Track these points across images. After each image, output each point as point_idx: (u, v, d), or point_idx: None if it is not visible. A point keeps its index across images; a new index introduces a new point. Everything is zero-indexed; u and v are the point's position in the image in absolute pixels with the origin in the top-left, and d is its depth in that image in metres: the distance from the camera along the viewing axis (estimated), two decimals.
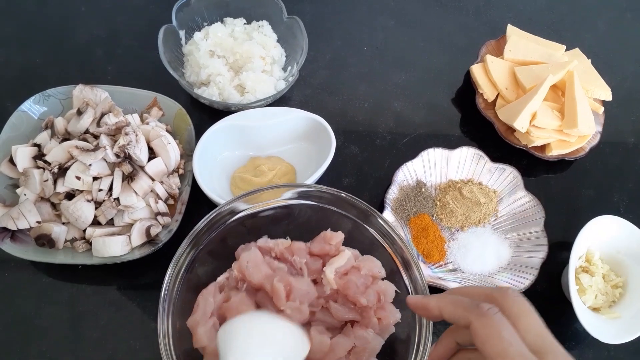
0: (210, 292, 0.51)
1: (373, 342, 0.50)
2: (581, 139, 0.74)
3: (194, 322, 0.49)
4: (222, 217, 0.53)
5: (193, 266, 0.52)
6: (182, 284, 0.50)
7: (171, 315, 0.48)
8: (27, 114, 0.67)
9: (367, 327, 0.50)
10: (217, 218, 0.52)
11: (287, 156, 0.72)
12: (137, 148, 0.60)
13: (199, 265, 0.52)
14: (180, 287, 0.50)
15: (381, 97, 0.82)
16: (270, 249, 0.54)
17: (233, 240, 0.55)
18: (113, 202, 0.60)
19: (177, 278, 0.50)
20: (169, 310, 0.48)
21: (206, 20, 0.80)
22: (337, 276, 0.51)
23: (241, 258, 0.52)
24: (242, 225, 0.55)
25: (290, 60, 0.79)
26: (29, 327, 0.60)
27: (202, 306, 0.50)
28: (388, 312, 0.51)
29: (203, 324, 0.48)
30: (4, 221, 0.58)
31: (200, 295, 0.51)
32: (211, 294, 0.51)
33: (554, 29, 0.92)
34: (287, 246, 0.54)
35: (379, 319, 0.50)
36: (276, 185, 0.54)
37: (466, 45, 0.87)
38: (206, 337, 0.47)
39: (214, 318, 0.50)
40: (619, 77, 0.87)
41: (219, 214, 0.52)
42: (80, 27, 0.84)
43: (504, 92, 0.77)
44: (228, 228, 0.54)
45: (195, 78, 0.74)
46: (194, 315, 0.49)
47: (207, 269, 0.54)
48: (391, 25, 0.90)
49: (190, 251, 0.51)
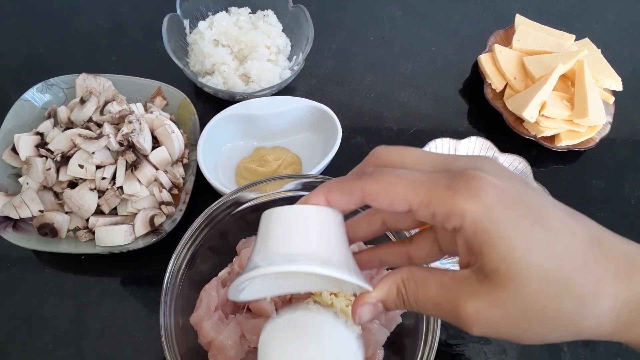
0: (213, 286, 0.50)
1: (377, 333, 0.49)
2: (591, 129, 0.73)
3: (198, 317, 0.48)
4: (224, 210, 0.52)
5: (194, 261, 0.51)
6: (184, 280, 0.49)
7: (173, 312, 0.47)
8: (30, 102, 0.66)
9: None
10: (218, 211, 0.51)
11: (292, 146, 0.71)
12: (141, 136, 0.60)
13: (200, 260, 0.51)
14: (182, 283, 0.49)
15: (388, 88, 0.81)
16: None
17: (234, 235, 0.55)
18: (116, 190, 0.59)
19: (179, 274, 0.48)
20: (170, 307, 0.47)
21: (210, 10, 0.79)
22: None
23: (242, 253, 0.51)
24: (242, 219, 0.54)
25: (295, 50, 0.78)
26: (32, 318, 0.59)
27: (205, 301, 0.49)
28: None
29: (208, 318, 0.48)
30: (6, 210, 0.58)
31: (203, 291, 0.50)
32: (214, 288, 0.50)
33: (563, 20, 0.91)
34: None
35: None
36: (280, 176, 0.53)
37: (474, 36, 0.86)
38: (213, 330, 0.47)
39: (219, 312, 0.49)
40: (630, 68, 0.85)
41: (221, 205, 0.51)
42: (84, 17, 0.84)
43: (512, 82, 0.75)
44: (229, 222, 0.53)
45: (199, 67, 0.74)
46: (197, 311, 0.49)
47: (209, 265, 0.53)
48: (398, 15, 0.89)
49: (191, 246, 0.50)
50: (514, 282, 0.25)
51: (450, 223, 0.26)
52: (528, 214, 0.25)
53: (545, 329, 0.25)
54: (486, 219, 0.25)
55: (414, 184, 0.27)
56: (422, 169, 0.28)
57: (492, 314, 0.25)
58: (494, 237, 0.25)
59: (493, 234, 0.25)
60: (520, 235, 0.24)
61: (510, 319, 0.25)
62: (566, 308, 0.24)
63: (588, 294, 0.24)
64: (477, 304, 0.26)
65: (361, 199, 0.28)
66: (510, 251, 0.24)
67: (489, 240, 0.25)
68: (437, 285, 0.27)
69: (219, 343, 0.46)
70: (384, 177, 0.28)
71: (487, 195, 0.25)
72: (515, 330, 0.26)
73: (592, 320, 0.25)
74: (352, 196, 0.29)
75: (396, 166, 0.29)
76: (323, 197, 0.30)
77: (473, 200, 0.25)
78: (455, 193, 0.25)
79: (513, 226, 0.25)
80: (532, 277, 0.24)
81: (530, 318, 0.25)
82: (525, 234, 0.25)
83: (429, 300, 0.28)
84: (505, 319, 0.25)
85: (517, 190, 0.26)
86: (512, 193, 0.26)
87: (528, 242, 0.24)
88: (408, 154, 0.30)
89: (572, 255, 0.25)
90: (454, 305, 0.26)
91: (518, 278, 0.24)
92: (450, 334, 0.61)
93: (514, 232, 0.24)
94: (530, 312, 0.25)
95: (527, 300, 0.25)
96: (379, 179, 0.28)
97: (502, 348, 0.60)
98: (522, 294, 0.25)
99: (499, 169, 0.27)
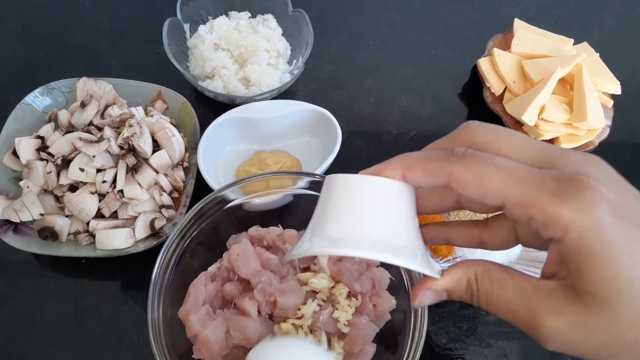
0: (201, 281, 0.50)
1: (365, 329, 0.49)
2: (590, 132, 0.73)
3: (185, 311, 0.48)
4: (214, 205, 0.52)
5: (184, 256, 0.51)
6: (174, 274, 0.49)
7: (162, 306, 0.47)
8: (31, 106, 0.67)
9: (361, 313, 0.49)
10: (208, 206, 0.52)
11: (292, 150, 0.71)
12: (141, 140, 0.60)
13: (190, 255, 0.52)
14: (172, 277, 0.49)
15: (387, 92, 0.81)
16: (262, 237, 0.54)
17: (225, 231, 0.55)
18: (117, 194, 0.59)
19: (168, 267, 0.49)
20: (159, 300, 0.47)
21: (211, 14, 0.79)
22: (330, 262, 0.50)
23: (231, 250, 0.51)
24: (233, 215, 0.54)
25: (295, 54, 0.78)
26: (32, 321, 0.59)
27: (193, 295, 0.49)
28: (383, 299, 0.50)
29: (195, 312, 0.48)
30: (7, 213, 0.58)
31: (192, 285, 0.50)
32: (202, 282, 0.50)
33: (561, 24, 0.91)
34: (278, 234, 0.53)
35: (374, 305, 0.50)
36: (265, 173, 0.53)
37: (472, 40, 0.86)
38: (199, 324, 0.47)
39: (207, 306, 0.49)
40: (628, 72, 0.85)
41: (211, 201, 0.52)
42: (85, 21, 0.84)
43: (511, 85, 0.76)
44: (219, 218, 0.53)
45: (199, 71, 0.74)
46: (185, 305, 0.49)
47: (199, 260, 0.54)
48: (397, 19, 0.89)
49: (181, 240, 0.50)
50: (611, 309, 0.23)
51: (549, 232, 0.24)
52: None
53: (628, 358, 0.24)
54: (595, 238, 0.22)
55: (514, 179, 0.24)
56: (521, 160, 0.25)
57: (576, 336, 0.24)
58: (600, 258, 0.22)
59: (600, 255, 0.22)
60: (630, 262, 0.22)
61: (594, 345, 0.24)
62: None
63: None
64: (561, 322, 0.24)
65: (447, 183, 0.26)
66: (615, 277, 0.22)
67: (593, 261, 0.23)
68: (515, 290, 0.25)
69: (204, 337, 0.46)
70: (477, 165, 0.25)
71: (599, 211, 0.22)
72: (596, 355, 0.24)
73: None
74: (436, 178, 0.26)
75: (491, 150, 0.26)
76: (400, 171, 0.27)
77: (584, 214, 0.22)
78: (562, 202, 0.23)
79: (626, 251, 0.22)
80: (632, 308, 0.22)
81: (617, 348, 0.23)
82: (635, 261, 0.22)
83: (503, 304, 0.26)
84: (589, 344, 0.24)
85: (632, 208, 0.24)
86: (627, 211, 0.23)
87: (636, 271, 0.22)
88: (508, 138, 0.27)
89: None
90: (533, 317, 0.25)
91: (616, 306, 0.23)
92: (451, 337, 0.61)
93: (624, 257, 0.22)
94: (620, 341, 0.23)
95: (620, 330, 0.23)
96: (471, 166, 0.25)
97: (502, 352, 0.60)
98: (616, 323, 0.23)
99: (613, 178, 0.25)
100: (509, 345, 0.61)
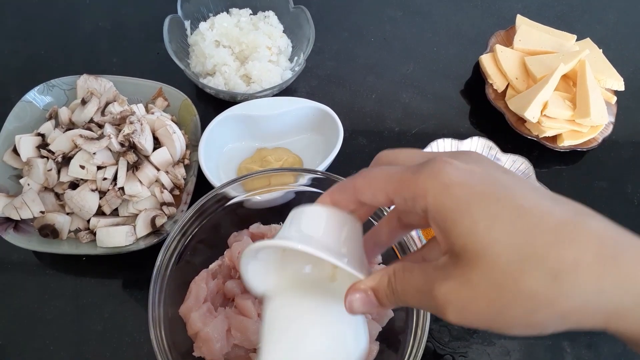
0: (202, 278, 0.50)
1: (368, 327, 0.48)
2: (594, 129, 0.73)
3: (186, 308, 0.48)
4: (215, 203, 0.52)
5: (185, 253, 0.51)
6: (175, 272, 0.49)
7: (163, 304, 0.47)
8: (32, 104, 0.66)
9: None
10: (208, 204, 0.51)
11: (293, 147, 0.71)
12: (142, 137, 0.59)
13: (191, 252, 0.52)
14: (173, 275, 0.49)
15: (389, 89, 0.81)
16: (263, 235, 0.53)
17: (226, 228, 0.55)
18: (117, 191, 0.59)
19: (169, 265, 0.49)
20: (160, 297, 0.47)
21: (211, 11, 0.79)
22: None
23: (233, 247, 0.51)
24: (234, 213, 0.54)
25: (296, 51, 0.78)
26: (32, 319, 0.59)
27: (194, 292, 0.49)
28: None
29: (196, 309, 0.47)
30: (7, 211, 0.57)
31: (193, 283, 0.50)
32: (203, 280, 0.50)
33: (564, 20, 0.91)
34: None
35: None
36: (267, 170, 0.53)
37: (475, 36, 0.86)
38: (200, 321, 0.47)
39: (208, 303, 0.49)
40: (632, 68, 0.85)
41: (212, 199, 0.51)
42: (85, 18, 0.84)
43: (514, 82, 0.75)
44: (220, 215, 0.53)
45: (200, 68, 0.74)
46: (186, 302, 0.49)
47: (201, 258, 0.54)
48: (399, 16, 0.89)
49: (182, 237, 0.50)
50: (481, 257, 0.23)
51: (418, 205, 0.26)
52: (493, 192, 0.24)
53: (522, 310, 0.23)
54: (446, 195, 0.25)
55: (392, 176, 0.28)
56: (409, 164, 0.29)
57: (463, 295, 0.24)
58: (455, 212, 0.24)
59: (454, 208, 0.24)
60: (482, 210, 0.24)
61: (482, 300, 0.24)
62: (540, 284, 0.22)
63: (564, 270, 0.22)
64: (450, 285, 0.25)
65: (354, 195, 0.31)
66: (473, 225, 0.24)
67: (450, 216, 0.25)
68: (420, 273, 0.27)
69: (205, 335, 0.46)
70: (369, 173, 0.30)
71: (447, 175, 0.25)
72: (491, 312, 0.24)
73: (575, 302, 0.22)
74: (347, 193, 0.31)
75: (391, 164, 0.31)
76: (328, 198, 0.32)
77: (434, 179, 0.25)
78: (419, 175, 0.26)
79: (475, 201, 0.24)
80: (500, 252, 0.23)
81: (503, 297, 0.23)
82: (487, 208, 0.24)
83: (412, 288, 0.27)
84: (477, 300, 0.24)
85: (486, 172, 0.26)
86: (479, 174, 0.25)
87: (491, 216, 0.24)
88: (402, 153, 0.31)
89: (543, 232, 0.23)
90: (430, 290, 0.26)
91: (485, 253, 0.23)
92: (454, 335, 0.60)
93: (475, 206, 0.24)
94: (502, 290, 0.23)
95: (497, 277, 0.23)
96: (365, 175, 0.30)
97: (505, 350, 0.60)
98: (491, 270, 0.23)
99: (475, 158, 0.27)
100: (512, 343, 0.60)
